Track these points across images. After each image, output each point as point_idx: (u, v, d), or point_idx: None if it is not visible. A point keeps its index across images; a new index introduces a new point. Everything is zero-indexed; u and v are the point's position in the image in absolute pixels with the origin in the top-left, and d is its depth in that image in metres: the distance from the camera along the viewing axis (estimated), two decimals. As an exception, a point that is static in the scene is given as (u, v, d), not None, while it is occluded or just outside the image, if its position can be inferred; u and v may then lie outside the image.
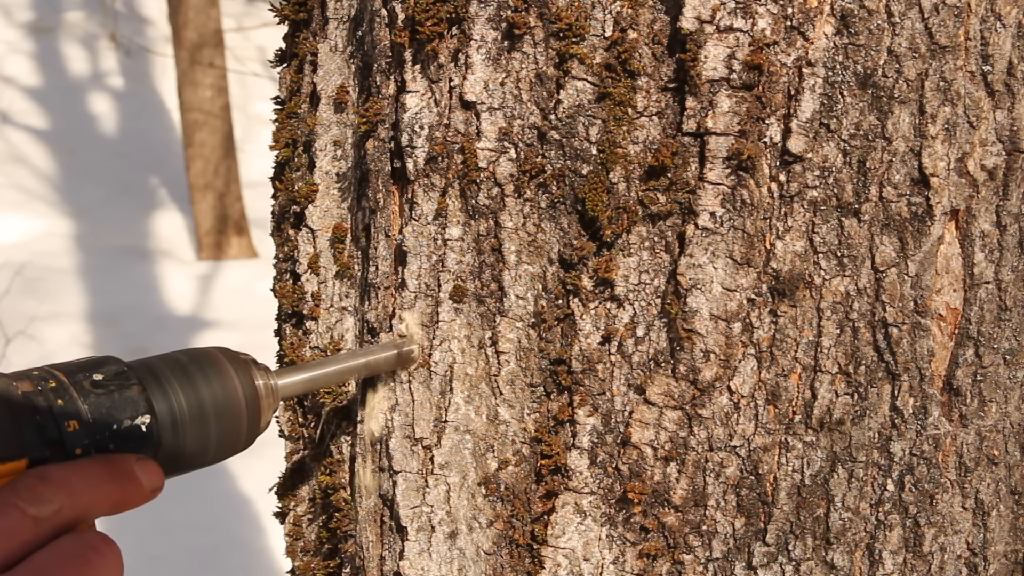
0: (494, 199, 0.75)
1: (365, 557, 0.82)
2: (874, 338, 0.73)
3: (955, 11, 0.70)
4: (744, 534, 0.74)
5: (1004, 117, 0.73)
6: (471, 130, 0.75)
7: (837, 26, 0.69)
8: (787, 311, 0.72)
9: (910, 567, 0.77)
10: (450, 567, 0.78)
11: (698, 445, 0.73)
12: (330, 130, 0.84)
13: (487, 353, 0.76)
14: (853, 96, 0.70)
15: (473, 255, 0.76)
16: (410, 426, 0.79)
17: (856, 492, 0.75)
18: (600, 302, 0.73)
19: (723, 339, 0.72)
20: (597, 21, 0.72)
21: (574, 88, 0.72)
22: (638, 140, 0.72)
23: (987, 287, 0.75)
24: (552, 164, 0.73)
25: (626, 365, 0.73)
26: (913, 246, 0.72)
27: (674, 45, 0.71)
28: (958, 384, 0.76)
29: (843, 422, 0.74)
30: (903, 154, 0.71)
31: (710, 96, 0.70)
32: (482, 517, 0.77)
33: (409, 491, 0.79)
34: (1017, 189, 0.75)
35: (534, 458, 0.76)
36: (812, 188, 0.71)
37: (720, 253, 0.72)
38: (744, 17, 0.69)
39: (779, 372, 0.73)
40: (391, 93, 0.79)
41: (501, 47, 0.74)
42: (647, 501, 0.74)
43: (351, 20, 0.84)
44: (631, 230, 0.72)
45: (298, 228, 0.87)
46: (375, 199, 0.80)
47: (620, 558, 0.75)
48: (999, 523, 0.79)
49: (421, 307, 0.78)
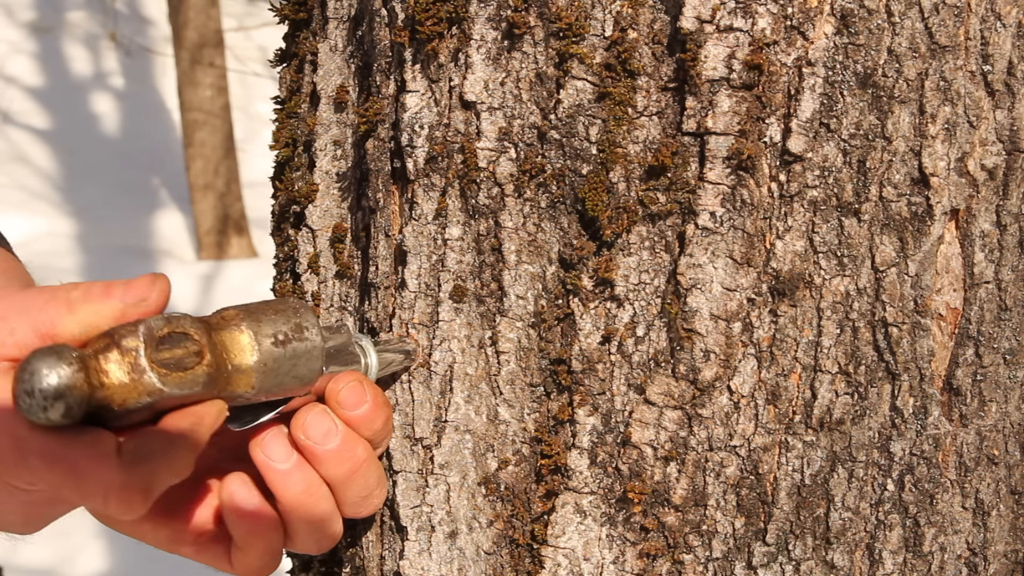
0: (494, 199, 0.75)
1: (365, 557, 0.82)
2: (874, 338, 0.73)
3: (955, 11, 0.70)
4: (744, 534, 0.74)
5: (1004, 117, 0.73)
6: (471, 130, 0.75)
7: (837, 26, 0.69)
8: (787, 311, 0.72)
9: (910, 567, 0.77)
10: (450, 567, 0.78)
11: (698, 445, 0.73)
12: (330, 130, 0.84)
13: (487, 353, 0.76)
14: (853, 96, 0.70)
15: (473, 255, 0.76)
16: (410, 426, 0.79)
17: (856, 492, 0.75)
18: (600, 302, 0.74)
19: (723, 339, 0.72)
20: (597, 21, 0.72)
21: (574, 88, 0.72)
22: (638, 140, 0.72)
23: (987, 287, 0.75)
24: (552, 164, 0.73)
25: (626, 365, 0.73)
26: (913, 246, 0.72)
27: (674, 45, 0.71)
28: (958, 384, 0.76)
29: (843, 422, 0.74)
30: (903, 154, 0.71)
31: (710, 96, 0.70)
32: (482, 517, 0.77)
33: (409, 491, 0.79)
34: (1017, 189, 0.75)
35: (534, 458, 0.76)
36: (812, 188, 0.71)
37: (720, 253, 0.72)
38: (744, 17, 0.69)
39: (779, 372, 0.73)
40: (391, 93, 0.79)
41: (501, 47, 0.74)
42: (647, 501, 0.74)
43: (351, 20, 0.84)
44: (631, 230, 0.72)
45: (298, 228, 0.87)
46: (375, 199, 0.80)
47: (620, 558, 0.75)
48: (999, 523, 0.79)
49: (421, 307, 0.78)
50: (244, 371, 0.67)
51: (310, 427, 0.72)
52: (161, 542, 0.75)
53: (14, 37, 8.26)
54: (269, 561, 0.74)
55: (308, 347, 0.70)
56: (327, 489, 0.73)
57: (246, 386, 0.67)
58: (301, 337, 0.70)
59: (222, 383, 0.66)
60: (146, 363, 0.62)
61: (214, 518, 0.74)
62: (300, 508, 0.73)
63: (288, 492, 0.72)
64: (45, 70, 8.11)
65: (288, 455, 0.72)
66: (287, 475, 0.72)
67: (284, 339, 0.69)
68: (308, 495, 0.73)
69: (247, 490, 0.72)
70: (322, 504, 0.73)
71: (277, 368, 0.68)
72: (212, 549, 0.75)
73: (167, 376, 0.62)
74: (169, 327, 0.64)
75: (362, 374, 0.75)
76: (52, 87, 7.96)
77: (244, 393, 0.67)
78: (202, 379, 0.64)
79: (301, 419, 0.72)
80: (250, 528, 0.72)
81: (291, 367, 0.69)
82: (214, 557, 0.75)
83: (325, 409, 0.73)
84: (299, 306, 0.71)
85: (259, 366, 0.67)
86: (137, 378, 0.62)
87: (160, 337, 0.63)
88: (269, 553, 0.73)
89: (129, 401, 0.62)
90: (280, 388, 0.69)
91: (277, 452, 0.72)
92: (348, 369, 0.74)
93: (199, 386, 0.64)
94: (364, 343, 0.76)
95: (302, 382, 0.70)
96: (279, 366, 0.68)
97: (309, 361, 0.70)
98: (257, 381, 0.67)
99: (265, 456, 0.72)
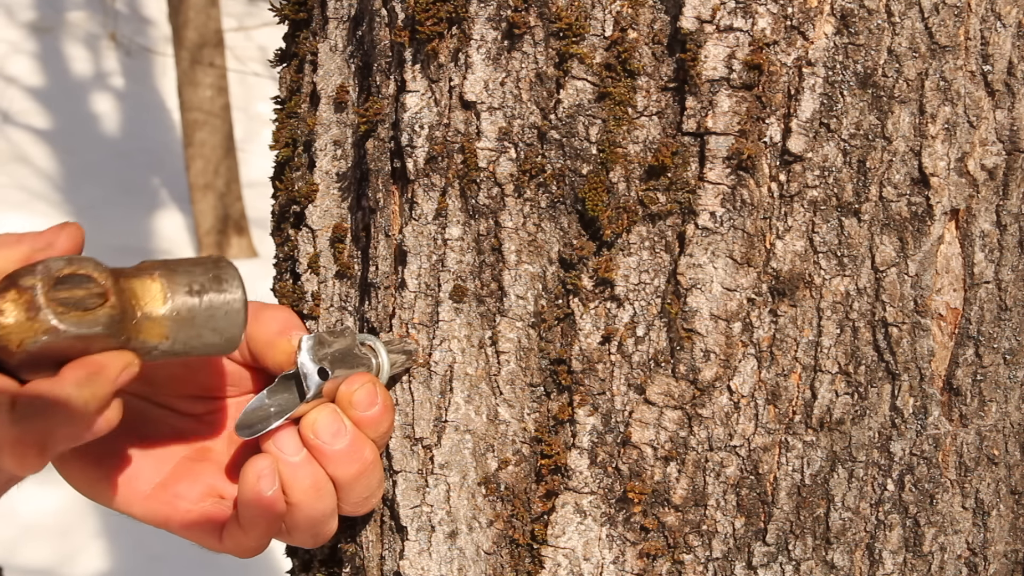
0: (494, 199, 0.75)
1: (365, 557, 0.82)
2: (874, 338, 0.73)
3: (955, 11, 0.70)
4: (744, 534, 0.74)
5: (1004, 117, 0.73)
6: (471, 130, 0.75)
7: (837, 26, 0.69)
8: (787, 311, 0.72)
9: (910, 567, 0.77)
10: (450, 567, 0.78)
11: (698, 445, 0.73)
12: (330, 130, 0.84)
13: (487, 353, 0.76)
14: (853, 96, 0.70)
15: (473, 255, 0.76)
16: (410, 426, 0.79)
17: (856, 492, 0.75)
18: (600, 302, 0.74)
19: (723, 339, 0.72)
20: (597, 21, 0.72)
21: (574, 88, 0.72)
22: (638, 140, 0.72)
23: (987, 287, 0.75)
24: (552, 164, 0.73)
25: (626, 365, 0.73)
26: (913, 246, 0.72)
27: (674, 45, 0.71)
28: (958, 384, 0.76)
29: (843, 422, 0.74)
30: (903, 154, 0.71)
31: (710, 96, 0.70)
32: (482, 517, 0.77)
33: (409, 491, 0.79)
34: (1017, 189, 0.75)
35: (534, 458, 0.76)
36: (812, 188, 0.71)
37: (720, 253, 0.72)
38: (744, 17, 0.69)
39: (779, 372, 0.73)
40: (391, 93, 0.79)
41: (501, 47, 0.74)
42: (647, 501, 0.74)
43: (351, 20, 0.84)
44: (631, 230, 0.72)
45: (298, 228, 0.87)
46: (375, 199, 0.80)
47: (620, 558, 0.75)
48: (999, 523, 0.79)
49: (421, 307, 0.78)
50: (155, 319, 0.65)
51: (320, 427, 0.73)
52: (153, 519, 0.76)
53: (14, 37, 8.26)
54: (263, 544, 0.75)
55: (227, 299, 0.68)
56: (332, 487, 0.74)
57: (159, 336, 0.65)
58: (220, 289, 0.68)
59: (131, 331, 0.64)
60: (43, 300, 0.60)
61: (206, 494, 0.75)
62: (305, 502, 0.73)
63: (297, 485, 0.73)
64: (45, 70, 8.11)
65: (298, 449, 0.73)
66: (297, 468, 0.73)
67: (200, 289, 0.67)
68: (315, 490, 0.73)
69: (272, 476, 0.72)
70: (326, 501, 0.74)
71: (192, 319, 0.66)
72: (202, 527, 0.75)
73: (64, 315, 0.61)
74: (71, 268, 0.62)
75: (374, 376, 0.75)
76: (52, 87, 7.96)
77: (158, 344, 0.66)
78: (103, 320, 0.62)
79: (311, 419, 0.73)
80: (262, 512, 0.72)
81: (208, 318, 0.67)
82: (204, 537, 0.76)
83: (336, 410, 0.74)
84: (221, 260, 0.70)
85: (171, 314, 0.66)
86: (33, 316, 0.60)
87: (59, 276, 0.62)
88: (267, 537, 0.74)
89: (27, 341, 0.60)
90: (199, 341, 0.67)
91: (288, 445, 0.73)
92: (357, 371, 0.74)
93: (99, 326, 0.62)
94: (375, 344, 0.76)
95: (223, 337, 0.68)
96: (194, 316, 0.66)
97: (228, 315, 0.68)
98: (171, 331, 0.66)
99: (277, 448, 0.73)
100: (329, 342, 0.73)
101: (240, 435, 0.73)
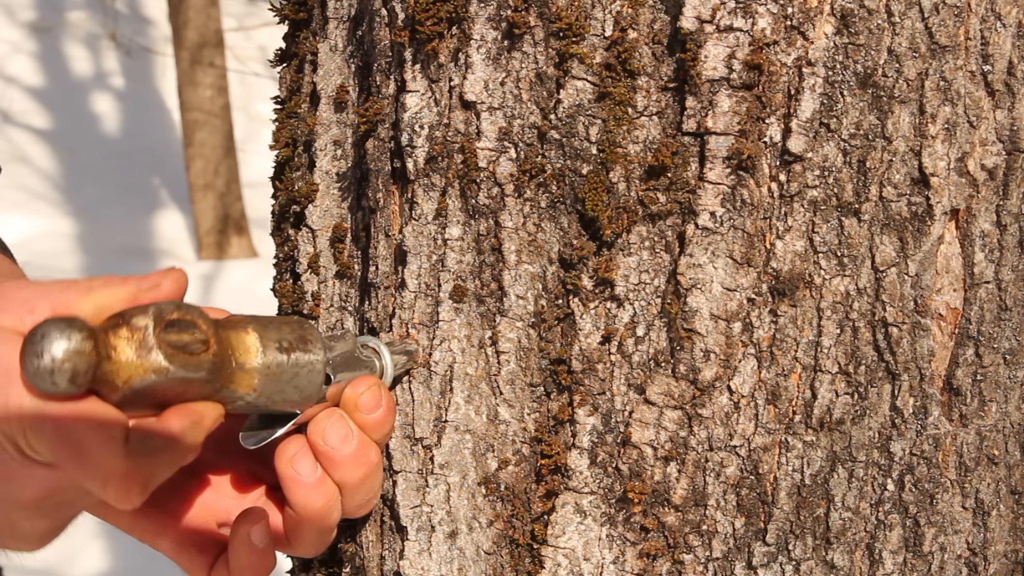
0: (494, 199, 0.75)
1: (365, 557, 0.82)
2: (874, 338, 0.73)
3: (955, 11, 0.70)
4: (744, 534, 0.74)
5: (1004, 117, 0.73)
6: (471, 130, 0.75)
7: (837, 26, 0.69)
8: (787, 311, 0.72)
9: (910, 567, 0.77)
10: (450, 567, 0.78)
11: (698, 445, 0.73)
12: (330, 130, 0.84)
13: (487, 353, 0.76)
14: (853, 96, 0.70)
15: (473, 255, 0.76)
16: (410, 426, 0.79)
17: (856, 492, 0.75)
18: (600, 302, 0.74)
19: (723, 339, 0.72)
20: (597, 21, 0.72)
21: (574, 88, 0.72)
22: (638, 140, 0.72)
23: (987, 287, 0.75)
24: (552, 164, 0.73)
25: (626, 365, 0.73)
26: (913, 246, 0.72)
27: (674, 45, 0.71)
28: (958, 384, 0.76)
29: (843, 422, 0.74)
30: (903, 154, 0.71)
31: (710, 96, 0.70)
32: (482, 517, 0.77)
33: (409, 491, 0.79)
34: (1017, 189, 0.75)
35: (534, 458, 0.76)
36: (812, 188, 0.71)
37: (720, 253, 0.72)
38: (744, 17, 0.69)
39: (779, 372, 0.73)
40: (391, 93, 0.79)
41: (501, 47, 0.74)
42: (647, 501, 0.74)
43: (351, 20, 0.84)
44: (631, 230, 0.72)
45: (298, 228, 0.87)
46: (375, 199, 0.80)
47: (620, 558, 0.75)
48: (999, 523, 0.79)
49: (421, 307, 0.78)
50: (247, 371, 0.67)
51: (329, 432, 0.73)
52: (144, 534, 0.76)
53: (14, 37, 8.26)
54: None
55: (311, 359, 0.70)
56: (339, 496, 0.75)
57: (247, 387, 0.67)
58: (305, 348, 0.70)
59: (224, 379, 0.66)
60: (154, 341, 0.62)
61: (199, 524, 0.76)
62: (317, 520, 0.74)
63: (311, 506, 0.74)
64: (45, 70, 8.11)
65: (314, 469, 0.74)
66: (312, 488, 0.73)
67: (288, 346, 0.69)
68: (327, 507, 0.74)
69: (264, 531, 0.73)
70: (335, 514, 0.75)
71: (280, 374, 0.68)
72: (192, 554, 0.76)
73: (173, 356, 0.62)
74: (179, 313, 0.64)
75: (378, 378, 0.76)
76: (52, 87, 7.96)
77: (245, 395, 0.67)
78: (206, 366, 0.64)
79: (320, 424, 0.74)
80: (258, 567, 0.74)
81: (293, 375, 0.69)
82: (192, 566, 0.76)
83: (342, 414, 0.74)
84: (305, 322, 0.72)
85: (263, 368, 0.68)
86: (144, 355, 0.62)
87: (169, 320, 0.64)
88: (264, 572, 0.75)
89: (134, 378, 0.62)
90: (280, 396, 0.69)
91: (305, 467, 0.73)
92: (361, 374, 0.75)
93: (203, 371, 0.64)
94: (379, 346, 0.76)
95: (302, 394, 0.70)
96: (282, 372, 0.69)
97: (311, 374, 0.70)
98: (259, 384, 0.67)
99: (295, 471, 0.73)
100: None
101: (246, 445, 0.73)
